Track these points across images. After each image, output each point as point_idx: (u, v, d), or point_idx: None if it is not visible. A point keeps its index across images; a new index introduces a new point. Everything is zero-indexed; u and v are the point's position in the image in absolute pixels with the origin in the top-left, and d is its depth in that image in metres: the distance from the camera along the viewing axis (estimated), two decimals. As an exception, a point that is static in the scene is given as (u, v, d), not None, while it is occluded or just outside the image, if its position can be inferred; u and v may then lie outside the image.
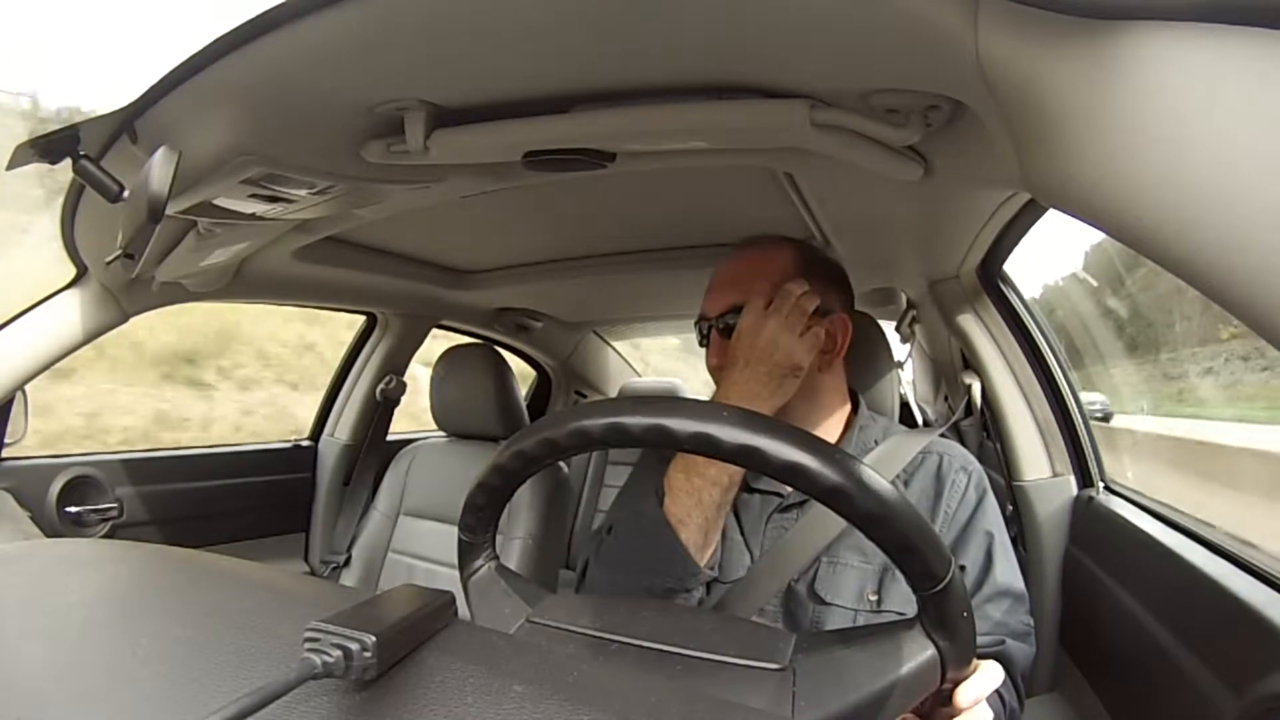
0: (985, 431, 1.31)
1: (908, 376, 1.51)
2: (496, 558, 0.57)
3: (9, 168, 0.63)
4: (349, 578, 1.55)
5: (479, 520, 0.55)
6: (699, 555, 0.69)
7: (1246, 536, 0.77)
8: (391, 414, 1.87)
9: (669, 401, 0.44)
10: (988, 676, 0.49)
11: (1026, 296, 1.17)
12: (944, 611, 0.43)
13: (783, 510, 0.75)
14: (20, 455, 1.30)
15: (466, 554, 0.56)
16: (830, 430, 0.81)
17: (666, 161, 0.80)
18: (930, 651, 0.43)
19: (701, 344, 0.82)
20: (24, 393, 1.18)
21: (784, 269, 0.77)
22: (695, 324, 0.83)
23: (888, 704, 0.42)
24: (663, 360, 5.07)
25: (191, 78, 0.57)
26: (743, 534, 0.76)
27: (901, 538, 0.40)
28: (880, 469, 0.43)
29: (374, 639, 0.29)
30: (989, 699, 0.50)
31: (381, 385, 1.81)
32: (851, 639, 0.46)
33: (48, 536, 1.20)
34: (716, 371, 0.78)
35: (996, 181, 0.64)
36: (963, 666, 0.45)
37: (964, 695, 0.47)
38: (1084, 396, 1.13)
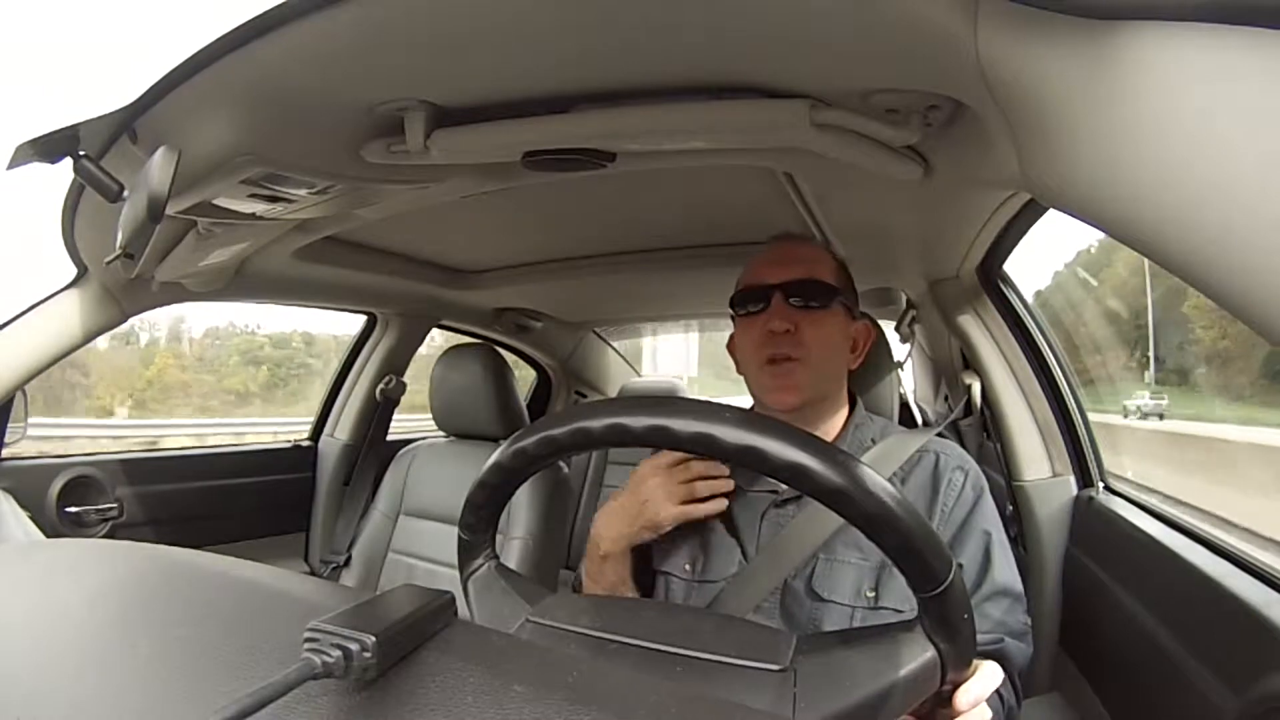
0: (985, 431, 1.31)
1: (908, 377, 1.51)
2: (496, 557, 0.57)
3: (9, 167, 0.63)
4: (349, 578, 1.55)
5: (479, 519, 0.55)
6: None
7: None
8: (391, 414, 1.87)
9: (671, 401, 0.44)
10: (987, 678, 0.49)
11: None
12: (944, 614, 0.43)
13: (778, 506, 0.76)
14: (20, 455, 1.30)
15: (466, 552, 0.56)
16: (829, 429, 0.81)
17: (666, 161, 0.80)
18: (930, 653, 0.43)
19: (742, 314, 0.81)
20: (24, 393, 1.18)
21: (834, 270, 0.82)
22: (746, 292, 0.81)
23: (887, 705, 0.42)
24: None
25: (191, 78, 0.57)
26: (735, 533, 0.76)
27: (903, 540, 0.40)
28: (877, 467, 0.43)
29: (374, 639, 0.29)
30: (988, 699, 0.50)
31: (381, 385, 1.81)
32: (852, 640, 0.46)
33: (48, 536, 1.19)
34: (782, 338, 0.76)
35: (996, 181, 0.64)
36: (962, 668, 0.45)
37: (963, 697, 0.47)
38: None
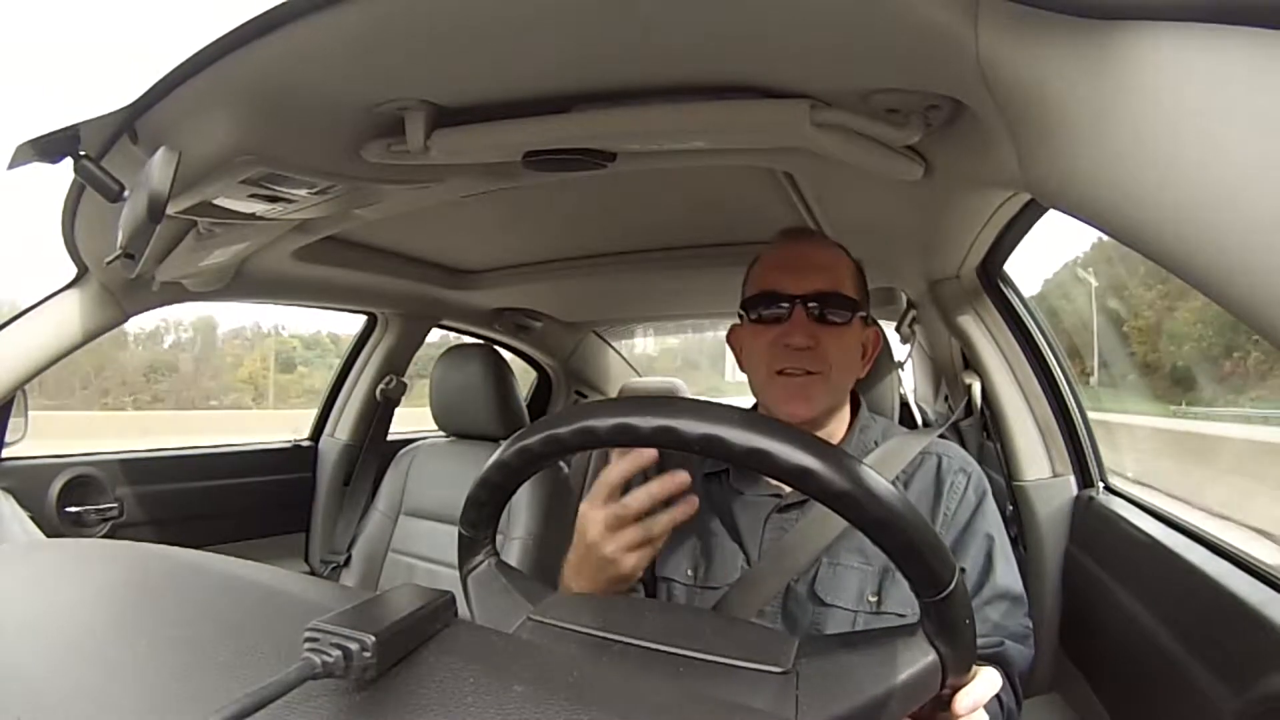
0: (985, 431, 1.31)
1: (908, 377, 1.52)
2: (497, 554, 0.57)
3: (9, 167, 0.63)
4: (349, 578, 1.55)
5: (481, 516, 0.54)
6: None
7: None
8: (392, 414, 1.87)
9: (678, 402, 0.43)
10: (986, 683, 0.49)
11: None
12: (947, 618, 0.43)
13: (782, 510, 0.75)
14: (20, 455, 1.30)
15: (467, 550, 0.56)
16: (834, 432, 0.81)
17: (666, 161, 0.80)
18: (932, 657, 0.43)
19: (754, 321, 0.78)
20: (24, 392, 1.18)
21: (853, 277, 0.80)
22: (763, 297, 0.78)
23: (888, 708, 0.42)
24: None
25: (191, 78, 0.57)
26: (738, 538, 0.76)
27: (908, 544, 0.40)
28: (880, 470, 0.43)
29: (374, 639, 0.29)
30: (987, 703, 0.50)
31: (382, 385, 1.81)
32: (854, 643, 0.46)
33: (48, 536, 1.20)
34: (801, 352, 0.74)
35: (996, 181, 0.64)
36: (963, 673, 0.45)
37: (963, 701, 0.47)
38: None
